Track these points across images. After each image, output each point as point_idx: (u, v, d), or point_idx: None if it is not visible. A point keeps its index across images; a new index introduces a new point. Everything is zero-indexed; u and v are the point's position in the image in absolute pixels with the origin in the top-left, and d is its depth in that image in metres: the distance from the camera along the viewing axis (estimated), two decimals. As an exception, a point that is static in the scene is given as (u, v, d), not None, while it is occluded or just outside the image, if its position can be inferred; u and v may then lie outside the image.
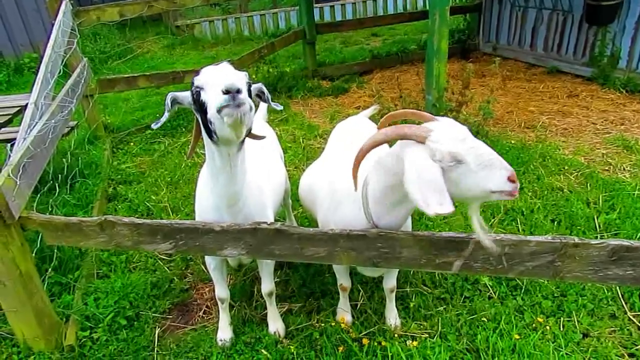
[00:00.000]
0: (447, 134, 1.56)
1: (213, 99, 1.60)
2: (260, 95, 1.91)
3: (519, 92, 5.74)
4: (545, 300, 2.58)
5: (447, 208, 1.49)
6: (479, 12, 7.28)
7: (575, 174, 3.80)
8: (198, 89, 1.67)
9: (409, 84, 6.09)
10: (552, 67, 6.23)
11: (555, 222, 3.22)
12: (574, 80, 5.88)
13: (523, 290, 2.65)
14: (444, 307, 2.59)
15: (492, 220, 3.27)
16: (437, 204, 1.49)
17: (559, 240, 1.66)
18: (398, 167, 1.63)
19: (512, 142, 4.35)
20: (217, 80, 1.60)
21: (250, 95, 1.70)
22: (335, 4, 10.36)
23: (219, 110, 1.56)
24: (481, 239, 1.65)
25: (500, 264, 1.74)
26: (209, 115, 1.64)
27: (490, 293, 2.66)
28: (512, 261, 1.73)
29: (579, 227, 3.13)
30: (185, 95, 1.77)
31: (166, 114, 1.79)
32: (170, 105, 1.79)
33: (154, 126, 1.81)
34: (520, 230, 3.16)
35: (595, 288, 2.62)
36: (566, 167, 3.89)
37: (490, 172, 1.53)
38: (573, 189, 3.59)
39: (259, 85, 1.86)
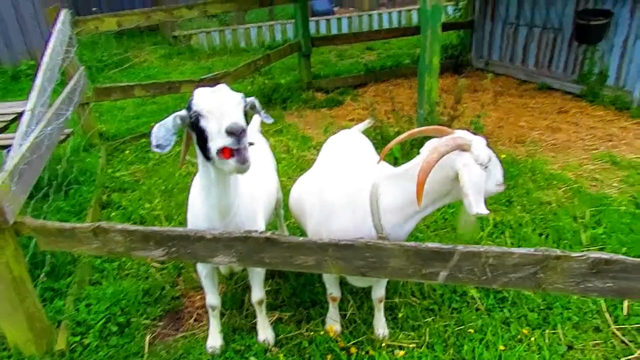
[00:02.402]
0: (480, 142, 1.86)
1: (215, 132, 1.63)
2: (253, 108, 1.96)
3: (510, 107, 5.84)
4: (532, 312, 2.62)
5: (485, 209, 1.75)
6: (471, 28, 7.42)
7: (564, 188, 3.88)
8: (196, 114, 1.68)
9: (402, 97, 6.18)
10: (543, 84, 6.35)
11: (543, 236, 3.28)
12: (563, 97, 6.01)
13: (510, 302, 2.69)
14: (432, 318, 2.63)
15: (482, 232, 3.32)
16: (478, 205, 1.75)
17: (541, 253, 1.71)
18: (446, 174, 1.83)
19: (503, 156, 4.42)
20: (217, 109, 1.63)
21: (245, 112, 1.75)
22: (331, 17, 10.51)
23: (223, 152, 1.61)
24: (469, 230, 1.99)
25: (484, 274, 1.78)
26: (210, 147, 1.66)
27: (478, 305, 2.70)
28: (495, 272, 1.78)
29: (565, 241, 3.19)
30: (185, 116, 1.76)
31: (173, 137, 1.73)
32: (178, 126, 1.75)
33: (160, 151, 1.72)
34: (509, 243, 3.22)
35: (580, 301, 2.67)
36: (555, 182, 3.97)
37: (498, 171, 1.94)
38: (561, 204, 3.66)
39: (252, 99, 1.91)
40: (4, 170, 2.09)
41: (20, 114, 3.13)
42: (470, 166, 1.79)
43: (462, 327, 2.54)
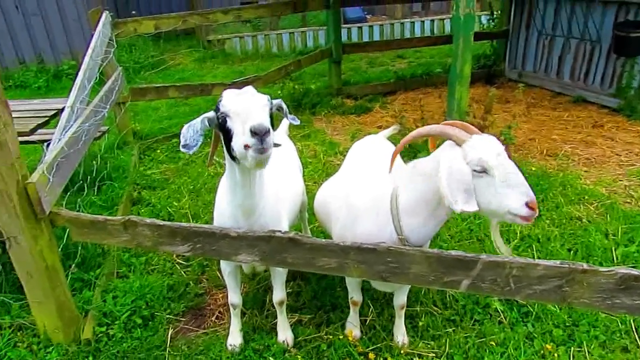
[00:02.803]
0: (485, 144, 1.70)
1: (240, 133, 1.68)
2: (280, 110, 2.00)
3: (542, 119, 5.72)
4: (557, 328, 2.56)
5: (473, 206, 1.64)
6: (505, 38, 7.31)
7: (596, 204, 3.76)
8: (224, 115, 1.74)
9: (431, 106, 6.14)
10: (578, 97, 6.19)
11: (572, 252, 3.19)
12: (599, 111, 5.83)
13: (534, 316, 2.63)
14: (453, 328, 2.59)
15: (508, 245, 3.26)
16: (464, 202, 1.65)
17: (567, 266, 1.67)
18: (436, 169, 1.73)
19: (533, 168, 4.33)
20: (243, 110, 1.69)
21: (271, 114, 1.79)
22: (363, 25, 10.54)
23: (245, 147, 1.65)
24: (502, 252, 1.81)
25: (508, 285, 1.75)
26: (233, 145, 1.71)
27: (501, 318, 2.65)
28: (519, 284, 1.75)
29: (595, 258, 3.09)
30: (213, 117, 1.81)
31: (200, 138, 1.77)
32: (205, 128, 1.79)
33: (187, 151, 1.74)
34: (535, 257, 3.14)
35: (608, 319, 2.59)
36: (586, 197, 3.86)
37: (511, 192, 1.64)
38: (592, 219, 3.56)
39: (279, 101, 1.95)
40: (43, 162, 2.19)
41: (61, 110, 3.28)
42: (452, 160, 1.69)
43: (484, 339, 2.50)
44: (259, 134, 1.61)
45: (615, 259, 3.09)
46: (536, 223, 3.51)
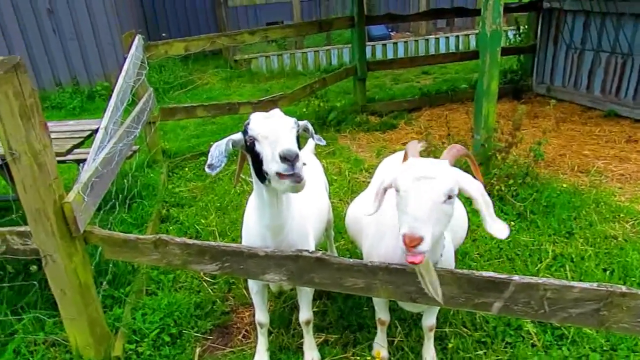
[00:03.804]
0: (408, 166, 1.65)
1: (270, 157, 1.70)
2: (306, 131, 2.02)
3: (572, 135, 5.59)
4: (594, 353, 2.45)
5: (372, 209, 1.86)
6: (533, 53, 7.22)
7: (632, 222, 3.63)
8: (252, 139, 1.76)
9: (457, 122, 6.08)
10: (610, 111, 6.03)
11: (608, 272, 3.08)
12: (633, 125, 5.67)
13: (569, 340, 2.54)
14: (484, 351, 2.52)
15: (539, 265, 3.17)
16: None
17: (604, 289, 1.62)
18: None
19: (564, 185, 4.22)
20: (271, 134, 1.71)
21: (298, 136, 1.81)
22: (387, 42, 10.59)
23: (280, 175, 1.68)
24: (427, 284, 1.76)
25: (542, 308, 1.70)
26: (266, 170, 1.73)
27: (534, 340, 2.56)
28: (554, 306, 1.69)
29: (633, 279, 2.98)
30: (239, 139, 1.85)
31: (224, 160, 1.83)
32: (230, 150, 1.84)
33: (210, 171, 1.80)
34: (569, 277, 3.05)
35: (649, 344, 2.47)
36: (621, 215, 3.73)
37: (400, 217, 1.58)
38: (628, 238, 3.43)
39: (305, 122, 1.97)
40: (78, 182, 2.27)
41: (95, 131, 3.39)
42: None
43: (517, 363, 2.42)
44: (290, 159, 1.63)
45: (654, 280, 2.96)
46: (569, 242, 3.41)
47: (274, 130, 1.72)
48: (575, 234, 3.50)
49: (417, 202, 1.54)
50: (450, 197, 1.58)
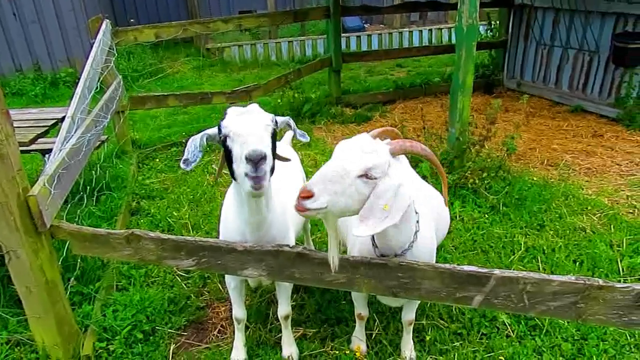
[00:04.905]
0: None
1: (239, 157, 1.66)
2: (288, 126, 1.98)
3: (542, 129, 5.72)
4: (565, 342, 2.52)
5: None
6: (504, 48, 7.34)
7: (599, 214, 3.75)
8: (224, 136, 1.72)
9: (431, 115, 6.13)
10: (577, 106, 6.21)
11: (577, 263, 3.17)
12: (598, 120, 5.85)
13: (543, 330, 2.60)
14: (460, 342, 2.55)
15: (512, 257, 3.23)
16: None
17: (582, 282, 1.64)
18: None
19: (535, 178, 4.32)
20: (242, 133, 1.67)
21: (275, 133, 1.78)
22: (362, 34, 10.56)
23: (246, 174, 1.65)
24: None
25: (522, 301, 1.72)
26: (235, 169, 1.71)
27: (509, 331, 2.61)
28: (533, 300, 1.72)
29: (601, 270, 3.07)
30: (214, 134, 1.80)
31: (199, 154, 1.79)
32: (204, 145, 1.80)
33: (185, 167, 1.77)
34: (541, 269, 3.12)
35: (617, 333, 2.55)
36: (589, 208, 3.84)
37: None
38: (596, 230, 3.54)
39: (287, 118, 1.93)
40: (44, 174, 2.14)
41: (60, 120, 3.23)
42: None
43: (492, 354, 2.46)
44: (254, 161, 1.60)
45: (621, 270, 3.06)
46: (540, 234, 3.49)
47: (245, 129, 1.67)
48: (546, 226, 3.58)
49: (333, 165, 1.65)
50: (367, 177, 1.60)
